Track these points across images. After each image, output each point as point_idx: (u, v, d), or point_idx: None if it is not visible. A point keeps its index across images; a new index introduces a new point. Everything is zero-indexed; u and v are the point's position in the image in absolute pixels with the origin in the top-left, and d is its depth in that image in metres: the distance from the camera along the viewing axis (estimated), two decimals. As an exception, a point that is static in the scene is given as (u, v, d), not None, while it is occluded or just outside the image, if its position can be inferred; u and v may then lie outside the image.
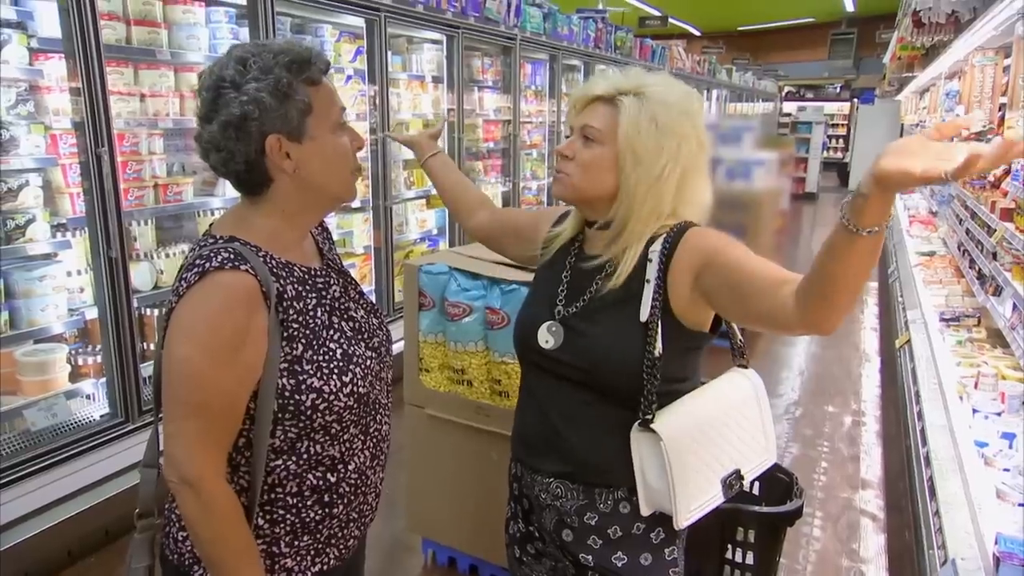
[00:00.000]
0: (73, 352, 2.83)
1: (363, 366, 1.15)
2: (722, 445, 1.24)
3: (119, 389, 2.69)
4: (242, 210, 1.14)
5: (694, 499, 1.18)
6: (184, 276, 1.04)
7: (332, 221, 4.02)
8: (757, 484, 2.47)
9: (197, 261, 1.03)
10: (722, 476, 1.22)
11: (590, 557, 1.24)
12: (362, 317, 1.22)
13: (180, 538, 1.13)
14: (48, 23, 2.54)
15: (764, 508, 2.30)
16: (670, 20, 13.57)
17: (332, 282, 1.19)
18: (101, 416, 2.71)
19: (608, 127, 1.21)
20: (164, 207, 3.01)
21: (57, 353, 2.70)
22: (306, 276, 1.14)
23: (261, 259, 1.07)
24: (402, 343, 2.29)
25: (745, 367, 1.36)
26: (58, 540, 2.44)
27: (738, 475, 1.24)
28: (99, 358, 2.80)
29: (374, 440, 1.22)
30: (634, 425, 1.18)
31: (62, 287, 2.64)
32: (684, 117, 1.20)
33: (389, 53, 3.99)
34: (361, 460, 1.19)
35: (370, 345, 1.21)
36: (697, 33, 17.07)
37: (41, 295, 2.57)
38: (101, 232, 2.58)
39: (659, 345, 1.15)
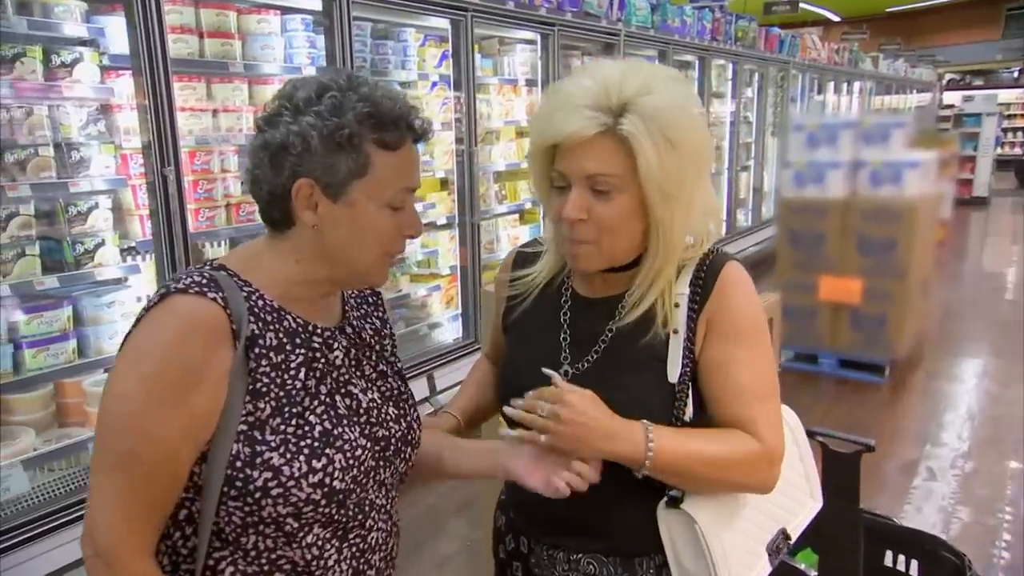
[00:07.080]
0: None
1: (348, 454, 0.94)
2: (762, 507, 1.11)
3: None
4: (256, 246, 1.01)
5: None
6: (150, 297, 0.93)
7: (418, 239, 3.81)
8: (916, 564, 1.95)
9: (166, 283, 0.93)
10: (766, 542, 1.11)
11: None
12: (371, 400, 1.01)
13: None
14: (119, 39, 2.47)
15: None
16: (802, 5, 12.49)
17: (336, 346, 1.00)
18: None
19: (622, 167, 0.97)
20: (239, 227, 2.91)
21: (127, 382, 2.64)
22: (299, 329, 0.96)
23: (244, 295, 0.92)
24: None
25: None
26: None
27: (784, 535, 1.14)
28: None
29: (358, 550, 0.99)
30: (660, 503, 1.05)
31: (131, 314, 2.57)
32: (696, 120, 1.00)
33: (478, 56, 3.77)
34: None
35: (370, 433, 0.99)
36: (835, 18, 15.67)
37: (110, 322, 2.52)
38: (167, 255, 2.49)
39: (690, 410, 1.04)
